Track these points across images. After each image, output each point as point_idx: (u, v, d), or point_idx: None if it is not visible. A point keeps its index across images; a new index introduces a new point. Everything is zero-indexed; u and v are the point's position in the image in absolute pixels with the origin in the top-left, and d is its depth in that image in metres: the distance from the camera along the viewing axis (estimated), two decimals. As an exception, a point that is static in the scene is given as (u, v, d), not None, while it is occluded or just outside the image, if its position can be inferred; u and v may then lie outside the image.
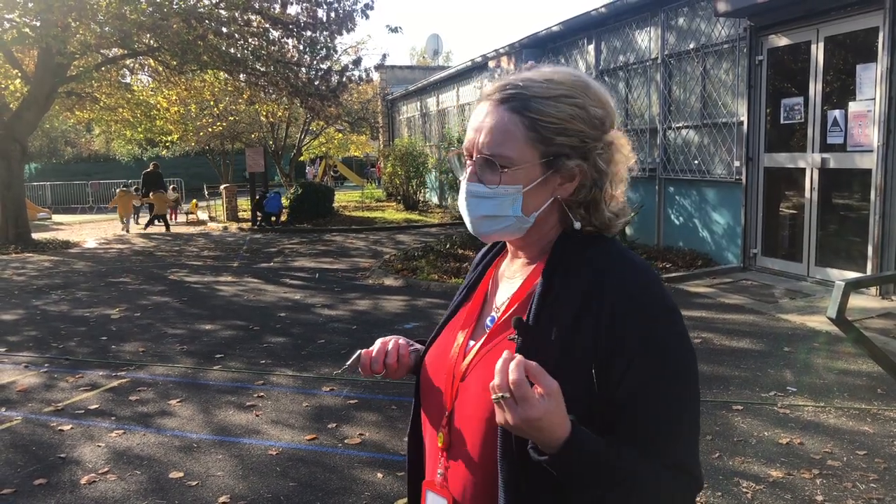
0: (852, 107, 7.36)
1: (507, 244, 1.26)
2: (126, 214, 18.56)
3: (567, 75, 1.14)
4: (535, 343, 1.07)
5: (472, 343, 1.20)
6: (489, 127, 1.12)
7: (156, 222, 19.00)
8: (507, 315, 1.16)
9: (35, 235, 16.39)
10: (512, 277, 1.22)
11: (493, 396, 0.97)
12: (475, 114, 1.15)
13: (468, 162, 1.16)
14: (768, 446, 3.98)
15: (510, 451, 1.05)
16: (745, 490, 3.50)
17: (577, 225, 1.15)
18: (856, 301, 6.82)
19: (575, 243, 1.15)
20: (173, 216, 20.53)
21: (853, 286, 2.42)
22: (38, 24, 13.42)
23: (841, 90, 7.64)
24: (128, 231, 18.24)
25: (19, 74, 15.74)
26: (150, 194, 18.90)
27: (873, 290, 7.20)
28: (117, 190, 20.43)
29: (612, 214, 1.17)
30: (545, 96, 1.10)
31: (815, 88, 7.79)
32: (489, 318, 1.21)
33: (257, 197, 17.83)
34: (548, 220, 1.17)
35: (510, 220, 1.14)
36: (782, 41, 8.24)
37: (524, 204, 1.13)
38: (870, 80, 7.13)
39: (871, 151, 7.13)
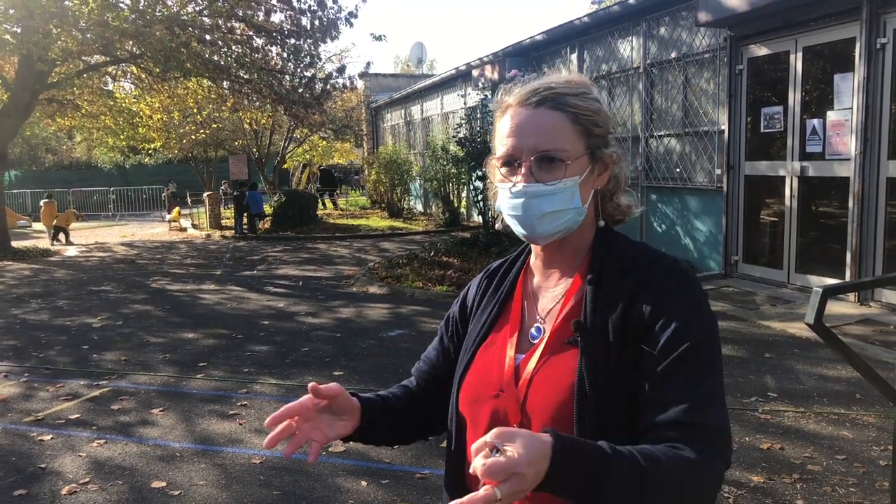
0: (830, 116, 7.47)
1: (536, 256, 1.28)
2: (49, 226, 18.20)
3: (577, 77, 1.23)
4: (596, 343, 1.11)
5: (520, 357, 1.19)
6: (538, 128, 1.16)
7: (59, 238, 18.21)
8: (559, 320, 1.18)
9: (15, 243, 16.21)
10: (554, 286, 1.24)
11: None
12: (508, 122, 1.19)
13: (517, 166, 1.18)
14: (749, 452, 4.01)
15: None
16: (726, 495, 3.53)
17: (601, 223, 1.25)
18: (834, 307, 6.90)
19: (608, 240, 1.22)
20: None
21: (831, 292, 2.46)
22: (18, 30, 13.31)
23: (819, 99, 7.75)
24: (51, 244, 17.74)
25: (0, 81, 15.60)
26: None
27: (852, 296, 7.29)
28: (42, 203, 19.58)
29: (627, 203, 1.28)
30: (574, 93, 1.18)
31: (795, 98, 7.89)
32: (534, 329, 1.21)
33: (238, 193, 17.71)
34: (589, 215, 1.23)
35: (570, 214, 1.18)
36: (762, 51, 8.35)
37: (581, 195, 1.20)
38: (847, 89, 7.24)
39: (849, 160, 7.24)
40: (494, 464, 0.87)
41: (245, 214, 17.62)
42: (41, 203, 19.40)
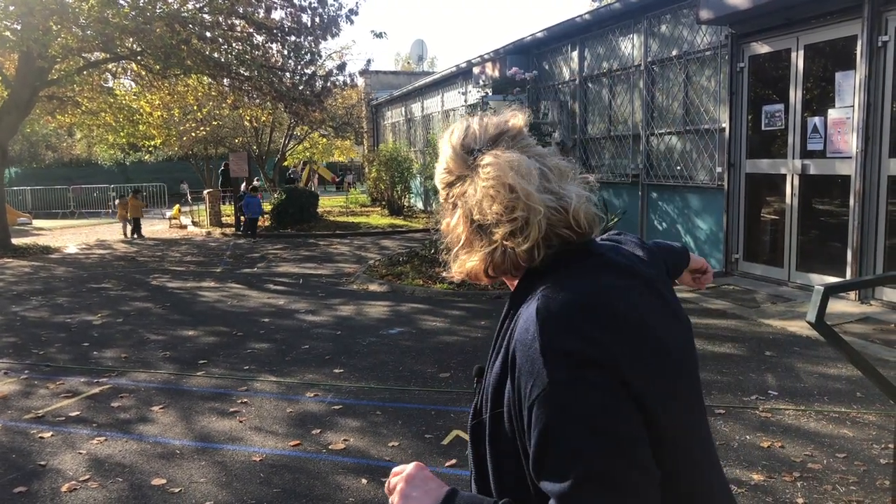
0: (832, 114, 7.46)
1: None
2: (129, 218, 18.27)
3: (460, 125, 1.21)
4: (481, 391, 1.14)
5: None
6: None
7: None
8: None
9: (15, 240, 16.19)
10: None
11: None
12: None
13: None
14: (750, 450, 4.01)
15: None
16: (727, 493, 3.52)
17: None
18: (836, 305, 6.90)
19: (522, 284, 1.14)
20: None
21: (832, 290, 2.45)
22: (18, 27, 13.28)
23: (821, 97, 7.74)
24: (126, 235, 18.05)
25: (0, 78, 15.59)
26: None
27: (853, 294, 7.29)
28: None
29: (464, 252, 1.18)
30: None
31: (796, 95, 7.88)
32: None
33: (240, 193, 17.71)
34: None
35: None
36: (763, 49, 8.33)
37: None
38: (849, 87, 7.23)
39: (851, 158, 7.23)
40: None
41: (242, 217, 17.58)
42: (124, 199, 19.00)
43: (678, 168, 9.75)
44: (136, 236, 17.93)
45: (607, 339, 1.00)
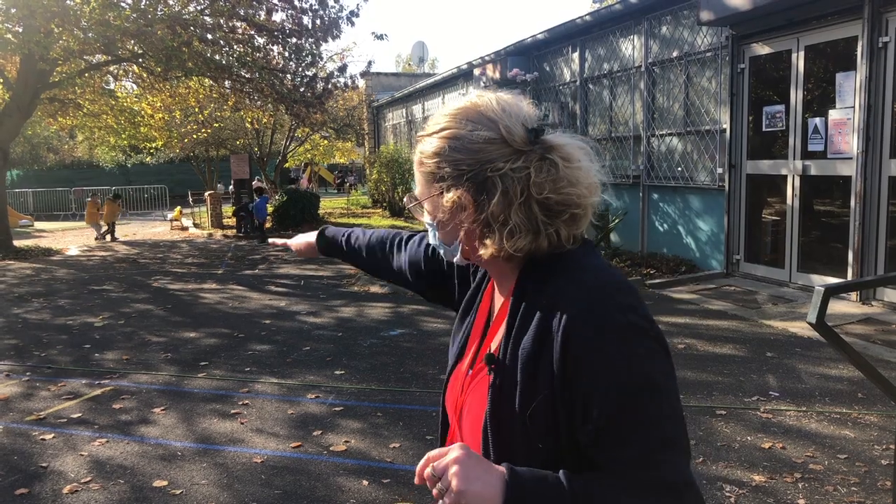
0: (832, 115, 7.46)
1: None
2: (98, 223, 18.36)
3: (456, 106, 1.15)
4: (504, 377, 1.09)
5: (470, 371, 1.22)
6: None
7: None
8: (489, 346, 1.19)
9: (17, 242, 16.22)
10: (497, 303, 1.25)
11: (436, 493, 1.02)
12: None
13: None
14: (751, 451, 4.01)
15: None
16: (728, 494, 3.52)
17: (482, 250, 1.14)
18: (837, 306, 6.89)
19: (538, 268, 1.12)
20: None
21: (833, 291, 2.45)
22: (20, 29, 13.31)
23: (821, 98, 7.74)
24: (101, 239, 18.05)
25: (1, 80, 15.61)
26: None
27: (854, 295, 7.29)
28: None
29: (496, 245, 1.11)
30: (427, 133, 1.17)
31: (796, 96, 7.88)
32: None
33: (242, 204, 17.73)
34: (478, 248, 1.15)
35: (443, 249, 1.23)
36: (764, 50, 8.33)
37: (442, 234, 1.21)
38: (849, 88, 7.23)
39: (851, 159, 7.23)
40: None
41: (254, 221, 17.52)
42: (95, 199, 19.09)
43: (679, 169, 9.75)
44: (110, 239, 17.99)
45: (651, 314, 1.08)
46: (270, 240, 2.01)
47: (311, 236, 1.90)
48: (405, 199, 1.26)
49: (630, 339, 1.01)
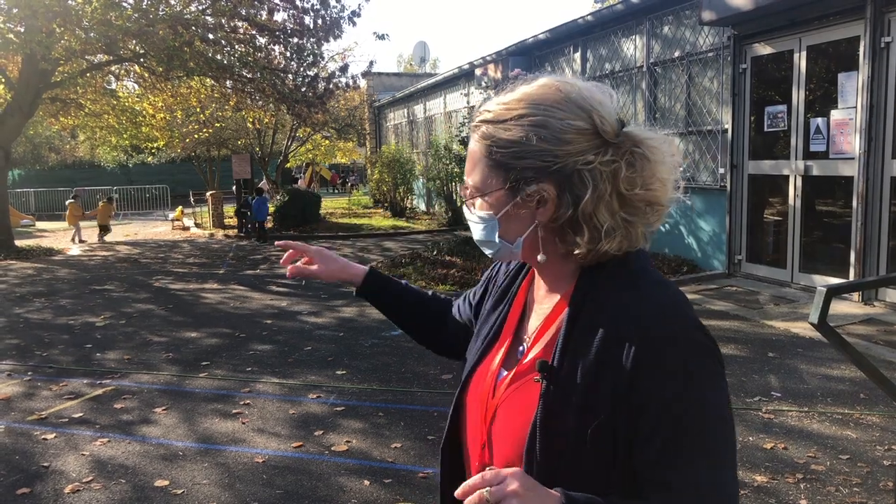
0: (834, 115, 7.45)
1: None
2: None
3: (535, 91, 1.06)
4: (558, 388, 1.02)
5: (504, 373, 1.15)
6: (469, 157, 1.12)
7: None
8: (533, 349, 1.12)
9: (18, 242, 16.23)
10: (540, 304, 1.16)
11: None
12: None
13: None
14: (753, 451, 4.00)
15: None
16: (730, 495, 3.51)
17: (541, 252, 1.09)
18: (839, 307, 6.88)
19: (598, 275, 1.06)
20: None
21: (835, 292, 2.45)
22: (22, 29, 13.33)
23: (823, 98, 7.73)
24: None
25: (3, 80, 15.62)
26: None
27: (856, 295, 7.28)
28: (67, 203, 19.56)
29: (585, 244, 1.03)
30: (500, 120, 1.06)
31: (798, 97, 7.87)
32: (521, 347, 1.16)
33: (243, 200, 17.73)
34: (541, 247, 1.09)
35: (498, 247, 1.11)
36: (766, 50, 8.33)
37: (503, 230, 1.09)
38: (851, 88, 7.22)
39: (853, 159, 7.22)
40: None
41: (253, 222, 17.54)
42: (77, 201, 19.13)
43: (680, 169, 9.73)
44: (98, 239, 17.98)
45: None
46: (278, 242, 1.80)
47: (347, 262, 1.69)
48: (460, 191, 1.19)
49: (703, 362, 0.99)
